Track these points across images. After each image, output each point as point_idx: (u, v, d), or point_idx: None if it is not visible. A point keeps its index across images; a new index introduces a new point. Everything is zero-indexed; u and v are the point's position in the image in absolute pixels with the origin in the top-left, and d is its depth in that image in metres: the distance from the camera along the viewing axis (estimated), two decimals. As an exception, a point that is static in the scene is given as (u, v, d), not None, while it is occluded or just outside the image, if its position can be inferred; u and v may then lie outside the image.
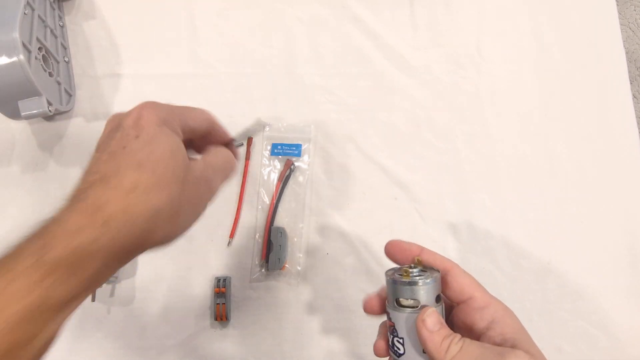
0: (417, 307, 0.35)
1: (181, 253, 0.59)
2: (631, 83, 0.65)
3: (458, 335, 0.34)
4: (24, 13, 0.55)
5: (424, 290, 0.35)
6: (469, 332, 0.36)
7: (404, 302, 0.36)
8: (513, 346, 0.34)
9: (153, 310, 0.58)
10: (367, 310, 0.40)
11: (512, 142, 0.63)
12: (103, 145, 0.33)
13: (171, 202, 0.31)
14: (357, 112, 0.64)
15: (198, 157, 0.37)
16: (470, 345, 0.34)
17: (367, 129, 0.63)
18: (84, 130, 0.63)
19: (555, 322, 0.59)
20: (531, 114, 0.64)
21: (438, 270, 0.37)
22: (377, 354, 0.39)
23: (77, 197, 0.30)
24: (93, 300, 0.56)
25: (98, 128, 0.63)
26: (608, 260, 0.59)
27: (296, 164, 0.62)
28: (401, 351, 0.36)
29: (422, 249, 0.39)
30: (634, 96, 0.76)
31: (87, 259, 0.28)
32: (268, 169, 0.62)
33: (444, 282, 0.37)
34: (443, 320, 0.35)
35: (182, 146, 0.34)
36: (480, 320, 0.35)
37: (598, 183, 0.62)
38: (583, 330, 0.57)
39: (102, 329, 0.57)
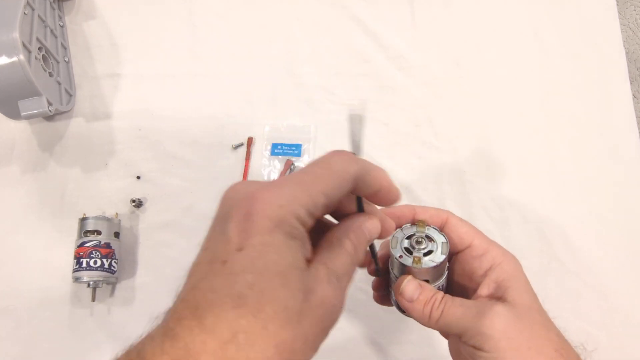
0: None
1: (182, 253, 0.58)
2: (631, 83, 0.65)
3: (439, 296, 0.34)
4: (24, 13, 0.55)
5: (432, 272, 0.35)
6: (470, 279, 0.36)
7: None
8: (504, 294, 0.33)
9: (153, 310, 0.58)
10: (373, 274, 0.41)
11: (512, 142, 0.63)
12: (212, 239, 0.26)
13: (280, 354, 0.24)
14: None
15: (319, 264, 0.27)
16: (451, 307, 0.33)
17: (367, 129, 0.63)
18: (84, 130, 0.63)
19: (555, 323, 0.59)
20: (531, 114, 0.64)
21: (446, 238, 0.36)
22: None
23: (169, 331, 0.24)
24: (93, 300, 0.56)
25: (98, 128, 0.63)
26: (608, 260, 0.59)
27: (296, 164, 0.62)
28: None
29: (413, 209, 0.37)
30: (634, 96, 0.76)
31: None
32: (268, 169, 0.62)
33: None
34: (422, 284, 0.35)
35: (299, 258, 0.25)
36: (479, 268, 0.35)
37: (598, 183, 0.62)
38: (583, 330, 0.57)
39: (102, 329, 0.57)
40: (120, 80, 0.65)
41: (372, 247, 0.35)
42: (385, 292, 0.40)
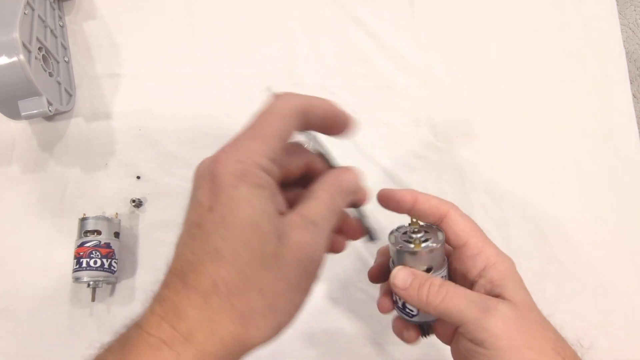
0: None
1: (181, 253, 0.58)
2: (631, 83, 0.65)
3: (436, 281, 0.34)
4: (24, 13, 0.55)
5: (432, 257, 0.35)
6: (464, 278, 0.36)
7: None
8: (499, 293, 0.34)
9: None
10: (373, 281, 0.41)
11: (512, 142, 0.63)
12: (188, 211, 0.27)
13: (264, 297, 0.25)
14: (357, 112, 0.64)
15: (294, 212, 0.28)
16: (454, 297, 0.33)
17: (367, 129, 0.63)
18: (84, 130, 0.63)
19: (554, 323, 0.59)
20: (531, 114, 0.64)
21: (441, 230, 0.36)
22: (381, 310, 0.40)
23: (157, 296, 0.26)
24: (93, 300, 0.56)
25: (98, 128, 0.63)
26: (608, 260, 0.59)
27: (296, 164, 0.62)
28: (414, 312, 0.37)
29: (415, 197, 0.37)
30: (634, 96, 0.76)
31: None
32: (268, 169, 0.62)
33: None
34: (415, 271, 0.35)
35: (269, 205, 0.26)
36: (473, 268, 0.35)
37: (598, 182, 0.62)
38: (583, 330, 0.57)
39: (102, 329, 0.57)
40: (120, 80, 0.65)
41: (360, 212, 0.36)
42: (393, 306, 0.40)
